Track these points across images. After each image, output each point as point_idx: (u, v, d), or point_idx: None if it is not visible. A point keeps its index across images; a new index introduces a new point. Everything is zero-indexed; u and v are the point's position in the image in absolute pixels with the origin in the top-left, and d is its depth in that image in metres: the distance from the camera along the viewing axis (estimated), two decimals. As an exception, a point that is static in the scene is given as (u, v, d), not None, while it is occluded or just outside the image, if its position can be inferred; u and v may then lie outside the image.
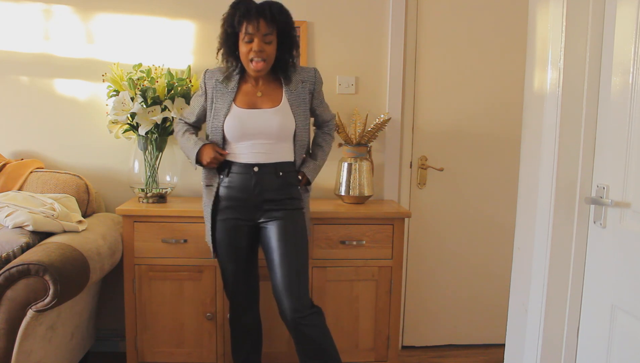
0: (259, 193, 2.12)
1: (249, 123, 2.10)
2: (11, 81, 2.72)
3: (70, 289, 1.98)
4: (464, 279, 2.97)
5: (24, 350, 1.91)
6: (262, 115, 2.11)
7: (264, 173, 2.12)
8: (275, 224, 2.13)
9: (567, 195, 1.71)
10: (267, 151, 2.12)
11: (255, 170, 2.11)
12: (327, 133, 2.34)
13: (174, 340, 2.50)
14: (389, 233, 2.51)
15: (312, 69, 2.24)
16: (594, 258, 1.68)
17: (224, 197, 2.16)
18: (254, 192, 2.12)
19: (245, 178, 2.12)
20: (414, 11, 2.78)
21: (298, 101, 2.16)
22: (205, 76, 2.21)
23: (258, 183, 2.12)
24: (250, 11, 2.01)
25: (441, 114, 2.86)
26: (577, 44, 1.67)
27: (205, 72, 2.22)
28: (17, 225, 2.13)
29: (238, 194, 2.14)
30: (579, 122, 1.68)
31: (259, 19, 2.00)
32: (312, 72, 2.22)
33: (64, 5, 2.68)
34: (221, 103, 2.14)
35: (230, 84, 2.14)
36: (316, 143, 2.32)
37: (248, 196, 2.13)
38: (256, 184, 2.12)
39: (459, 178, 2.91)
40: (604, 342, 1.60)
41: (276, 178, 2.13)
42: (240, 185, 2.13)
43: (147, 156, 2.59)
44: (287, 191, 2.16)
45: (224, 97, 2.14)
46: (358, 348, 2.57)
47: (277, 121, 2.10)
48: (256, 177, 2.12)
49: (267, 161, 2.12)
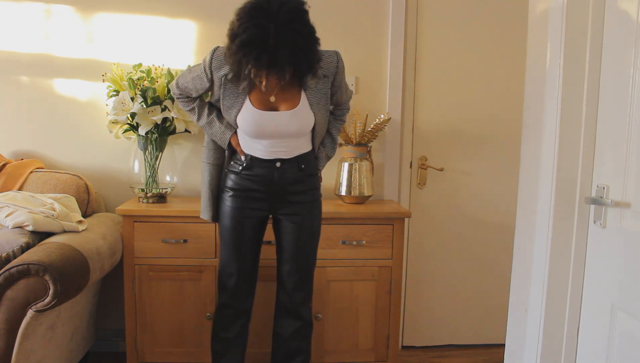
0: (282, 186, 2.09)
1: (265, 125, 1.99)
2: (11, 81, 2.72)
3: (70, 289, 1.98)
4: (464, 279, 2.97)
5: (24, 350, 1.91)
6: (280, 118, 1.99)
7: (286, 168, 2.07)
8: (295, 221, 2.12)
9: (567, 195, 1.71)
10: (286, 147, 2.06)
11: (278, 165, 2.07)
12: (338, 118, 2.25)
13: (174, 340, 2.50)
14: (389, 233, 2.51)
15: (334, 57, 2.03)
16: (594, 258, 1.68)
17: (240, 186, 2.09)
18: (276, 185, 2.09)
19: (267, 171, 2.07)
20: (414, 11, 2.78)
21: (318, 97, 2.03)
22: (212, 62, 1.98)
23: (281, 177, 2.08)
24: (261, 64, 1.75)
25: (441, 114, 2.86)
26: (577, 43, 1.66)
27: (213, 56, 1.97)
28: (17, 225, 2.13)
29: (258, 186, 2.09)
30: (579, 122, 1.68)
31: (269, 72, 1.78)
32: (334, 62, 2.02)
33: (64, 5, 2.68)
34: (231, 101, 2.00)
35: (242, 84, 1.96)
36: (327, 130, 2.21)
37: (270, 188, 2.09)
38: (279, 178, 2.08)
39: (459, 178, 2.91)
40: (604, 342, 1.60)
41: (298, 171, 2.10)
42: (262, 178, 2.08)
43: (147, 156, 2.59)
44: (308, 182, 2.13)
45: (234, 96, 2.00)
46: (358, 348, 2.57)
47: (296, 123, 2.00)
48: (279, 172, 2.07)
49: (289, 156, 2.07)
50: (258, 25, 1.72)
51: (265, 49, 1.72)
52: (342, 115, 2.26)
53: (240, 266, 2.17)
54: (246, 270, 2.18)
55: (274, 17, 1.72)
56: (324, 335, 2.54)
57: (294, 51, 1.75)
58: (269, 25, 1.71)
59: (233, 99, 2.01)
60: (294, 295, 2.21)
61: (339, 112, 2.25)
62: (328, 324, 2.54)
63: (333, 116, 2.24)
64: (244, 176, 2.09)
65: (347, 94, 2.23)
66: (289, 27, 1.74)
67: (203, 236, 2.43)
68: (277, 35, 1.71)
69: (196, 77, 2.06)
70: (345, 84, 2.16)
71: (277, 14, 1.73)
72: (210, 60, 1.99)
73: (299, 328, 2.25)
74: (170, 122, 2.55)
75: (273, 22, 1.72)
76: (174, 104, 2.52)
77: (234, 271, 2.17)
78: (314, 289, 2.49)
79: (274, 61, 1.74)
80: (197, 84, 2.07)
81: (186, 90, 2.12)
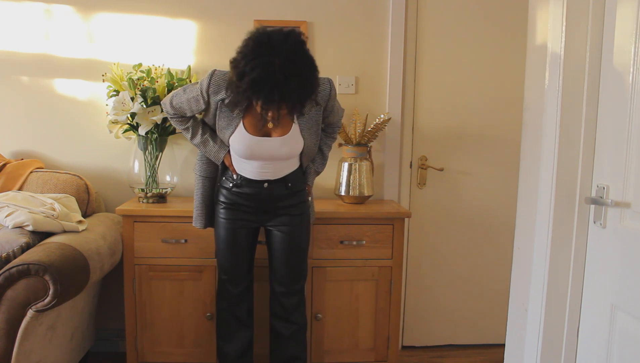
0: (270, 202, 2.16)
1: (256, 149, 2.06)
2: (11, 81, 2.72)
3: (70, 289, 1.98)
4: (464, 279, 2.97)
5: (24, 350, 1.91)
6: (271, 143, 2.05)
7: (273, 187, 2.14)
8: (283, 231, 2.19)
9: (567, 195, 1.71)
10: (274, 169, 2.12)
11: (266, 186, 2.14)
12: (330, 136, 2.30)
13: (174, 340, 2.50)
14: (389, 233, 2.50)
15: (327, 85, 2.07)
16: (594, 258, 1.68)
17: (231, 201, 2.17)
18: (264, 202, 2.16)
19: (256, 191, 2.14)
20: (414, 11, 2.78)
21: (310, 124, 2.10)
22: (209, 86, 2.01)
23: (269, 195, 2.15)
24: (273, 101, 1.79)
25: (441, 114, 2.86)
26: (577, 44, 1.66)
27: (210, 82, 2.00)
28: (17, 225, 2.13)
29: (247, 202, 2.16)
30: (579, 122, 1.68)
31: (280, 106, 1.82)
32: (327, 90, 2.07)
33: (64, 5, 2.68)
34: (226, 122, 2.06)
35: (236, 110, 2.02)
36: (319, 148, 2.27)
37: (260, 204, 2.17)
38: (267, 196, 2.15)
39: (459, 178, 2.91)
40: (604, 342, 1.60)
41: (286, 189, 2.16)
42: (251, 196, 2.15)
43: (147, 156, 2.59)
44: (297, 197, 2.20)
45: (229, 119, 2.05)
46: (358, 348, 2.57)
47: (286, 149, 2.08)
48: (267, 191, 2.14)
49: (276, 177, 2.13)
50: (265, 63, 1.74)
51: (275, 85, 1.75)
52: (333, 132, 2.31)
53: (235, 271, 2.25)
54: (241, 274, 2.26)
55: (278, 52, 1.75)
56: (324, 335, 2.54)
57: (301, 82, 1.79)
58: (275, 60, 1.74)
59: (228, 121, 2.06)
60: (286, 302, 2.27)
61: (330, 130, 2.30)
62: (328, 324, 2.54)
63: (325, 133, 2.28)
64: (234, 193, 2.17)
65: (339, 114, 2.27)
66: (294, 60, 1.77)
67: (203, 236, 2.43)
68: (284, 70, 1.74)
69: (192, 99, 2.09)
70: (337, 106, 2.21)
71: (280, 48, 1.76)
72: (208, 85, 2.02)
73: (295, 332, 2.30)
74: (170, 122, 2.55)
75: (278, 57, 1.74)
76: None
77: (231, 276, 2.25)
78: (314, 289, 2.50)
79: (285, 95, 1.77)
80: (192, 105, 2.10)
81: (180, 110, 2.14)
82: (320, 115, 2.12)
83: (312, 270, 2.48)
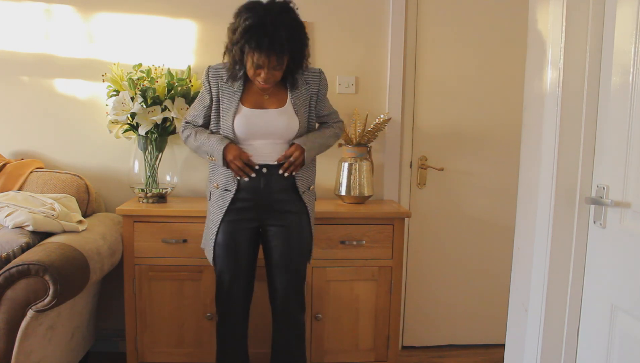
0: (268, 194, 2.14)
1: (256, 123, 2.11)
2: (11, 81, 2.72)
3: (70, 289, 1.98)
4: (464, 279, 2.97)
5: (24, 350, 1.91)
6: (269, 115, 2.12)
7: (271, 174, 2.13)
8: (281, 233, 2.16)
9: (567, 195, 1.71)
10: (273, 151, 2.12)
11: (264, 171, 2.12)
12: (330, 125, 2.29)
13: (174, 340, 2.50)
14: (388, 233, 2.51)
15: (317, 71, 2.21)
16: (594, 258, 1.68)
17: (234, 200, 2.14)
18: (263, 193, 2.13)
19: (254, 179, 2.12)
20: (414, 11, 2.78)
21: (300, 102, 2.15)
22: (208, 73, 2.16)
23: (267, 184, 2.13)
24: (262, 46, 1.92)
25: (441, 114, 2.86)
26: (577, 44, 1.66)
27: (208, 70, 2.17)
28: (17, 225, 2.13)
29: (247, 195, 2.14)
30: (579, 122, 1.68)
31: (270, 54, 1.94)
32: (317, 75, 2.20)
33: (64, 5, 2.68)
34: (228, 102, 2.12)
35: (236, 84, 2.11)
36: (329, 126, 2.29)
37: (258, 197, 2.14)
38: (265, 186, 2.13)
39: (459, 178, 2.91)
40: (604, 342, 1.60)
41: (283, 179, 2.14)
42: (249, 187, 2.13)
43: (147, 156, 2.59)
44: (295, 193, 2.17)
45: (230, 96, 2.12)
46: (358, 348, 2.57)
47: (283, 121, 2.11)
48: (265, 178, 2.13)
49: (274, 163, 2.13)
50: (256, 15, 1.94)
51: (265, 34, 1.91)
52: (336, 120, 2.31)
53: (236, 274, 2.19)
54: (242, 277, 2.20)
55: (269, 10, 1.95)
56: (324, 335, 2.54)
57: (291, 33, 1.96)
58: (266, 16, 1.93)
59: (229, 101, 2.12)
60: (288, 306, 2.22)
61: (331, 121, 2.30)
62: (328, 324, 2.54)
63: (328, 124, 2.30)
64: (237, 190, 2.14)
65: (332, 109, 2.31)
66: (284, 16, 1.96)
67: (203, 236, 2.43)
68: (274, 21, 1.93)
69: (200, 96, 2.22)
70: (328, 101, 2.29)
71: (271, 7, 1.96)
72: (207, 73, 2.17)
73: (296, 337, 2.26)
74: (170, 122, 2.55)
75: (269, 14, 1.94)
76: (174, 104, 2.52)
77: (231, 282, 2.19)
78: (314, 289, 2.50)
79: (274, 43, 1.92)
80: (201, 103, 2.20)
81: (194, 118, 2.23)
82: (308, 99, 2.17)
83: (312, 270, 2.48)
